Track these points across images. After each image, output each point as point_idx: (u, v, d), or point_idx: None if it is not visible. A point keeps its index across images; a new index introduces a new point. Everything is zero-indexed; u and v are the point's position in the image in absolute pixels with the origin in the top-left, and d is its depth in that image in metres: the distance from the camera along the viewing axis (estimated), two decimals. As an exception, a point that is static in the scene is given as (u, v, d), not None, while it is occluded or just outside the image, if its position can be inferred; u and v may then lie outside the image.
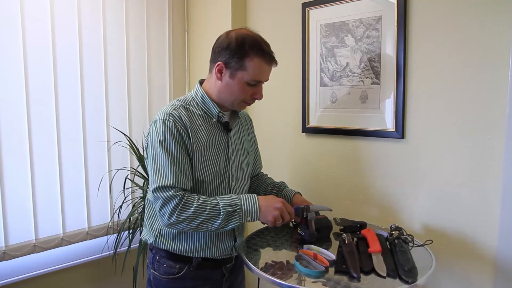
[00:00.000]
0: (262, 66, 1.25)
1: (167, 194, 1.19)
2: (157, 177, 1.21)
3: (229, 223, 1.21)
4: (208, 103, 1.31)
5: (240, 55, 1.22)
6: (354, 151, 1.76)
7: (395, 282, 1.08)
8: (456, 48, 1.46)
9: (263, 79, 1.29)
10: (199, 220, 1.19)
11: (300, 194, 1.53)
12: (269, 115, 2.05)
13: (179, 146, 1.22)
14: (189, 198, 1.20)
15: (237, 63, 1.23)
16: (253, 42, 1.24)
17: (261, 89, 1.30)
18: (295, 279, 1.10)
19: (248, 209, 1.22)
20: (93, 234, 1.98)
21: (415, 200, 1.60)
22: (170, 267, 1.30)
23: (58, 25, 1.81)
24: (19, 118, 1.72)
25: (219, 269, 1.36)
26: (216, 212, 1.19)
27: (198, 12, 2.28)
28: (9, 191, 1.71)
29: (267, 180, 1.59)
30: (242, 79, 1.25)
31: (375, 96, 1.66)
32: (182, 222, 1.20)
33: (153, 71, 2.20)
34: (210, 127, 1.31)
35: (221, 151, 1.32)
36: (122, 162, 2.07)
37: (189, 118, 1.27)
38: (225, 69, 1.25)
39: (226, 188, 1.34)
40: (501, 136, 1.38)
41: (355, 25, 1.69)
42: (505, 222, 1.38)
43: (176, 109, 1.27)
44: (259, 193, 1.56)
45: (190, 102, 1.32)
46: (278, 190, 1.54)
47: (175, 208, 1.19)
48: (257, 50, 1.23)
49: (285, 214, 1.26)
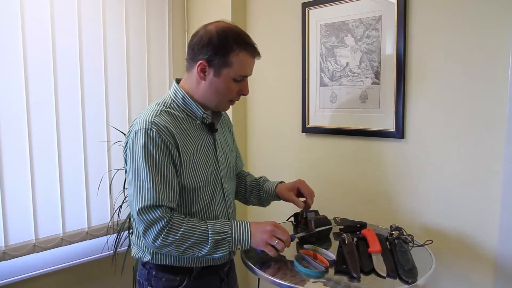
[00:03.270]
0: (247, 60, 1.17)
1: (153, 216, 1.09)
2: (140, 196, 1.09)
3: (217, 251, 1.13)
4: (190, 105, 1.21)
5: (224, 51, 1.13)
6: (354, 151, 1.76)
7: (395, 282, 1.08)
8: (456, 48, 1.46)
9: (249, 73, 1.21)
10: (187, 245, 1.11)
11: (283, 181, 1.43)
12: (269, 115, 2.05)
13: (164, 158, 1.11)
14: (176, 220, 1.11)
15: (221, 60, 1.14)
16: (236, 35, 1.15)
17: (247, 84, 1.22)
18: (295, 279, 1.10)
19: (238, 238, 1.14)
20: (93, 234, 1.98)
21: (415, 200, 1.59)
22: (170, 280, 1.21)
23: (58, 25, 1.81)
24: (19, 118, 1.72)
25: (218, 275, 1.31)
26: (204, 238, 1.11)
27: (198, 12, 2.28)
28: (9, 191, 1.70)
29: (246, 178, 1.49)
30: (228, 75, 1.16)
31: (375, 96, 1.66)
32: (168, 246, 1.11)
33: (153, 71, 2.20)
34: (195, 131, 1.21)
35: (210, 154, 1.24)
36: (122, 162, 2.06)
37: (173, 123, 1.15)
38: (208, 67, 1.15)
39: (220, 192, 1.27)
40: (501, 136, 1.38)
41: (355, 25, 1.69)
42: (505, 222, 1.38)
43: (158, 115, 1.15)
44: (240, 193, 1.48)
45: (171, 104, 1.21)
46: (258, 187, 1.44)
47: (161, 231, 1.09)
48: (242, 44, 1.15)
49: (278, 234, 1.15)
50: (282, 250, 1.16)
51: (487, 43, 1.39)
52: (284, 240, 1.15)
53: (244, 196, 1.48)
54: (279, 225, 1.19)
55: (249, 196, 1.47)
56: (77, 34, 1.87)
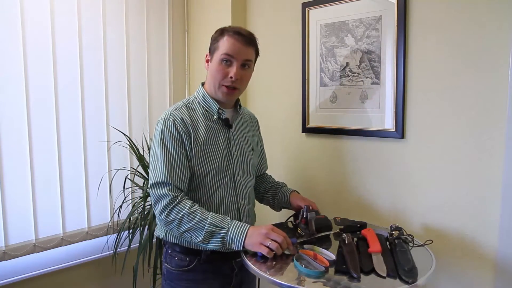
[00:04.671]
0: (233, 42, 1.30)
1: (160, 192, 1.25)
2: (154, 173, 1.28)
3: (209, 243, 1.22)
4: (208, 101, 1.38)
5: (217, 38, 1.33)
6: (354, 151, 1.76)
7: (395, 282, 1.08)
8: (456, 48, 1.46)
9: (235, 55, 1.31)
10: (185, 227, 1.23)
11: (298, 192, 1.55)
12: (269, 115, 2.05)
13: (176, 144, 1.28)
14: (181, 203, 1.25)
15: (214, 45, 1.34)
16: (230, 27, 1.34)
17: (236, 68, 1.31)
18: (295, 279, 1.10)
19: (233, 237, 1.21)
20: (93, 234, 1.98)
21: (415, 200, 1.59)
22: (181, 260, 1.34)
23: (58, 25, 1.81)
24: (19, 118, 1.72)
25: (229, 263, 1.38)
26: (201, 226, 1.22)
27: (198, 12, 2.28)
28: (9, 191, 1.70)
29: (268, 179, 1.63)
30: (218, 58, 1.32)
31: (375, 96, 1.66)
32: (170, 223, 1.25)
33: (153, 71, 2.20)
34: (210, 124, 1.37)
35: (222, 146, 1.37)
36: (122, 162, 2.07)
37: (190, 116, 1.34)
38: (209, 55, 1.36)
39: (231, 182, 1.38)
40: (501, 136, 1.38)
41: (355, 25, 1.69)
42: (505, 222, 1.38)
43: (178, 109, 1.35)
44: (259, 191, 1.60)
45: (193, 101, 1.40)
46: (276, 189, 1.57)
47: (165, 207, 1.24)
48: (232, 31, 1.32)
49: (272, 235, 1.19)
50: (277, 251, 1.18)
51: (487, 43, 1.39)
52: (279, 241, 1.19)
53: (262, 194, 1.60)
54: (275, 228, 1.25)
55: (266, 194, 1.59)
56: (77, 34, 1.87)
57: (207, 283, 1.35)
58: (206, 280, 1.35)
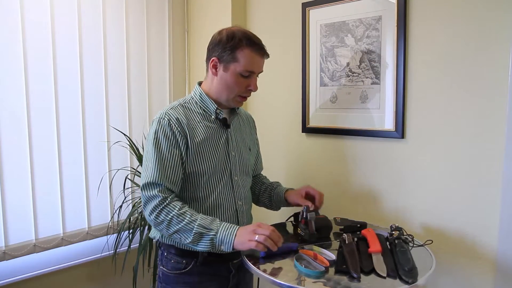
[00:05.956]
0: (253, 56, 1.28)
1: (151, 193, 1.23)
2: (145, 173, 1.26)
3: (198, 244, 1.21)
4: (206, 101, 1.35)
5: (231, 47, 1.27)
6: (354, 151, 1.76)
7: (395, 282, 1.08)
8: (456, 47, 1.46)
9: (256, 70, 1.32)
10: (174, 229, 1.21)
11: (292, 188, 1.54)
12: (269, 115, 2.05)
13: (170, 144, 1.26)
14: (170, 204, 1.23)
15: (229, 55, 1.27)
16: (242, 35, 1.28)
17: (255, 80, 1.33)
18: (295, 279, 1.10)
19: (222, 238, 1.19)
20: (93, 234, 1.98)
21: (415, 200, 1.59)
22: (177, 262, 1.32)
23: (58, 25, 1.81)
24: (19, 118, 1.72)
25: (226, 265, 1.37)
26: (189, 228, 1.20)
27: (198, 12, 2.28)
28: (9, 191, 1.70)
29: (263, 180, 1.62)
30: (235, 70, 1.28)
31: (375, 96, 1.66)
32: (159, 225, 1.23)
33: (153, 71, 2.20)
34: (208, 123, 1.34)
35: (220, 146, 1.35)
36: (122, 162, 2.07)
37: (186, 115, 1.31)
38: (219, 63, 1.30)
39: (228, 183, 1.36)
40: (501, 136, 1.38)
41: (355, 25, 1.69)
42: (505, 222, 1.38)
43: (174, 108, 1.32)
44: (254, 193, 1.58)
45: (189, 101, 1.37)
46: (271, 190, 1.56)
47: (155, 209, 1.22)
48: (247, 41, 1.27)
49: (259, 230, 1.18)
50: (266, 243, 1.16)
51: (487, 43, 1.39)
52: (267, 234, 1.16)
53: (258, 195, 1.58)
54: (262, 223, 1.23)
55: (261, 196, 1.58)
56: (77, 34, 1.87)
57: (204, 285, 1.33)
58: (203, 283, 1.33)
